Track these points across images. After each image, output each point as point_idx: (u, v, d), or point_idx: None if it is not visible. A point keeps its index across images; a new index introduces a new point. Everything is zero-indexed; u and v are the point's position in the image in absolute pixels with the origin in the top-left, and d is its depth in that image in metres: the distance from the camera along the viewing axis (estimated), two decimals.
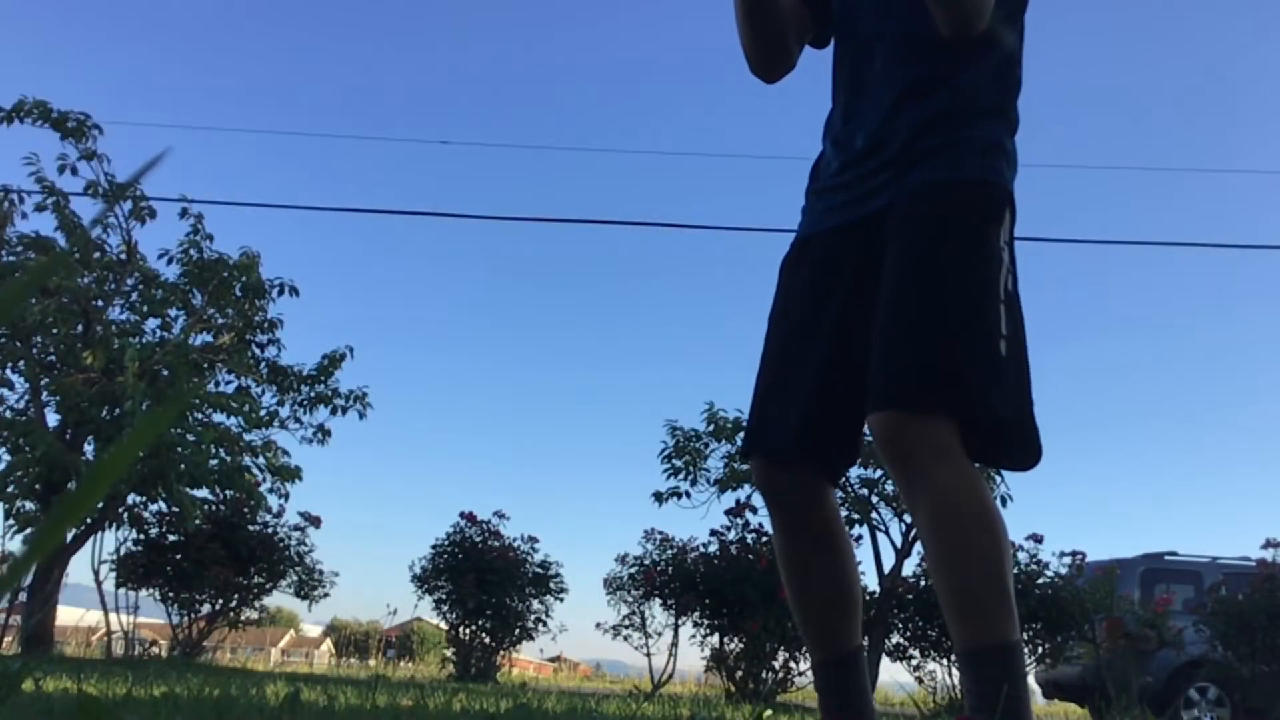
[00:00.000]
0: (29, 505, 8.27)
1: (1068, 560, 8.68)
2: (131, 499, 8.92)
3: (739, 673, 8.27)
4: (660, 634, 8.79)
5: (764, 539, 8.52)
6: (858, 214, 1.80)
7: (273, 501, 9.55)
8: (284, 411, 9.99)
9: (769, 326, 1.92)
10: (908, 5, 1.78)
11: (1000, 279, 1.68)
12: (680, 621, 8.58)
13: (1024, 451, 1.68)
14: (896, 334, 1.64)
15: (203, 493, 9.03)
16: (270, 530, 9.85)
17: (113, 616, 9.05)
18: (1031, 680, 10.45)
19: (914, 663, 8.69)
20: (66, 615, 12.08)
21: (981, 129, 1.77)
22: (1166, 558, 10.44)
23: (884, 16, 1.85)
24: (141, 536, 9.36)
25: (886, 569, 8.88)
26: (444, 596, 9.35)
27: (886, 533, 9.06)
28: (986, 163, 1.75)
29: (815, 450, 1.79)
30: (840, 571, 1.85)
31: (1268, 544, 9.23)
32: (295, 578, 10.00)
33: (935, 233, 1.69)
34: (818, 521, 1.84)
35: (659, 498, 9.77)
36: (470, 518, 9.56)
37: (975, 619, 1.53)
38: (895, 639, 8.75)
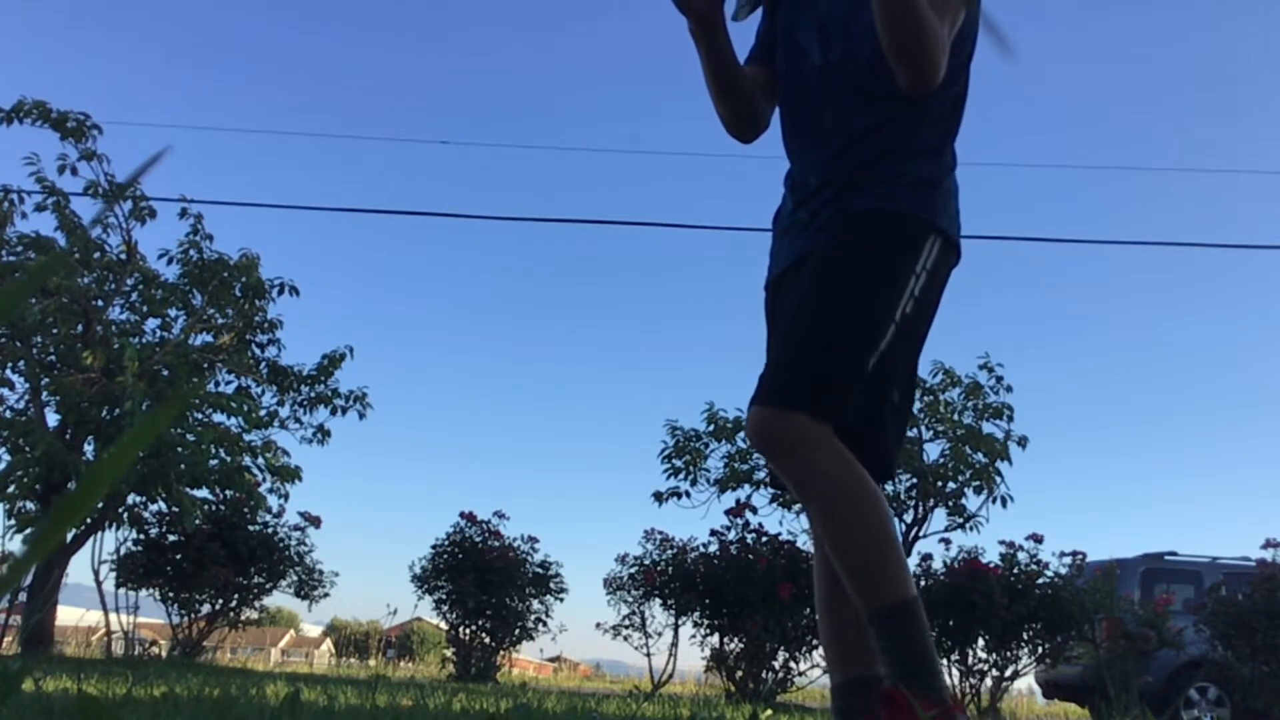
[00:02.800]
0: (29, 505, 8.27)
1: (1068, 560, 8.68)
2: (131, 499, 8.92)
3: (739, 673, 8.27)
4: (660, 634, 8.80)
5: (764, 539, 8.53)
6: (806, 248, 1.96)
7: (273, 501, 9.56)
8: (284, 411, 10.00)
9: None
10: (851, 67, 1.95)
11: (894, 306, 1.82)
12: (680, 621, 8.58)
13: (877, 464, 1.85)
14: (781, 341, 1.82)
15: (203, 493, 9.03)
16: (270, 530, 9.85)
17: (113, 616, 9.06)
18: (1031, 680, 10.46)
19: None
20: (66, 615, 12.07)
21: (918, 165, 1.91)
22: (1166, 558, 10.43)
23: (829, 75, 1.98)
24: (141, 536, 9.36)
25: None
26: (444, 596, 9.35)
27: None
28: (916, 197, 1.89)
29: None
30: None
31: (1268, 544, 9.23)
32: (295, 578, 10.00)
33: (841, 255, 1.85)
34: None
35: (659, 498, 9.78)
36: (470, 518, 9.57)
37: (877, 584, 1.70)
38: None
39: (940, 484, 9.80)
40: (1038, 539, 8.65)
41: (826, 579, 1.96)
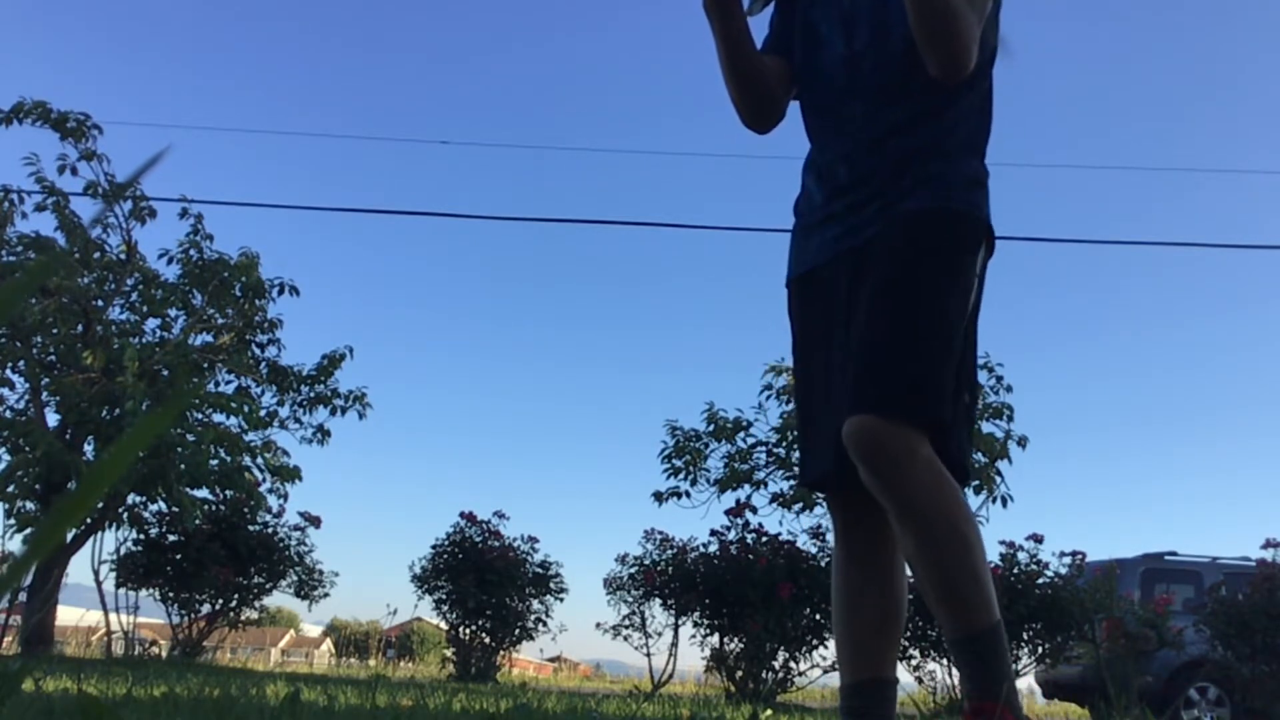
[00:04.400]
0: (29, 505, 8.26)
1: (1068, 560, 8.67)
2: (131, 499, 8.92)
3: (739, 673, 8.27)
4: (660, 634, 8.80)
5: (764, 539, 8.52)
6: (850, 244, 1.90)
7: (272, 501, 9.56)
8: (284, 411, 10.00)
9: (795, 365, 2.04)
10: (880, 57, 1.91)
11: (967, 305, 1.82)
12: (680, 621, 8.58)
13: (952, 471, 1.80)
14: (873, 345, 1.75)
15: (203, 493, 9.03)
16: (270, 530, 9.85)
17: (113, 616, 9.06)
18: (1031, 680, 10.45)
19: (914, 663, 8.68)
20: (66, 615, 12.08)
21: (964, 164, 1.89)
22: (1166, 558, 10.43)
23: (857, 66, 1.94)
24: (141, 536, 9.36)
25: None
26: (444, 596, 9.34)
27: None
28: (970, 196, 1.87)
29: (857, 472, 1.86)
30: (890, 600, 1.91)
31: (1268, 544, 9.23)
32: (295, 578, 10.00)
33: (915, 255, 1.80)
34: (881, 544, 1.92)
35: (659, 498, 9.77)
36: (470, 518, 9.56)
37: (966, 607, 1.67)
38: None
39: None
40: (1038, 539, 8.65)
41: (849, 577, 1.93)
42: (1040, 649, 8.58)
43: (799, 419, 2.01)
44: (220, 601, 9.58)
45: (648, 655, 8.84)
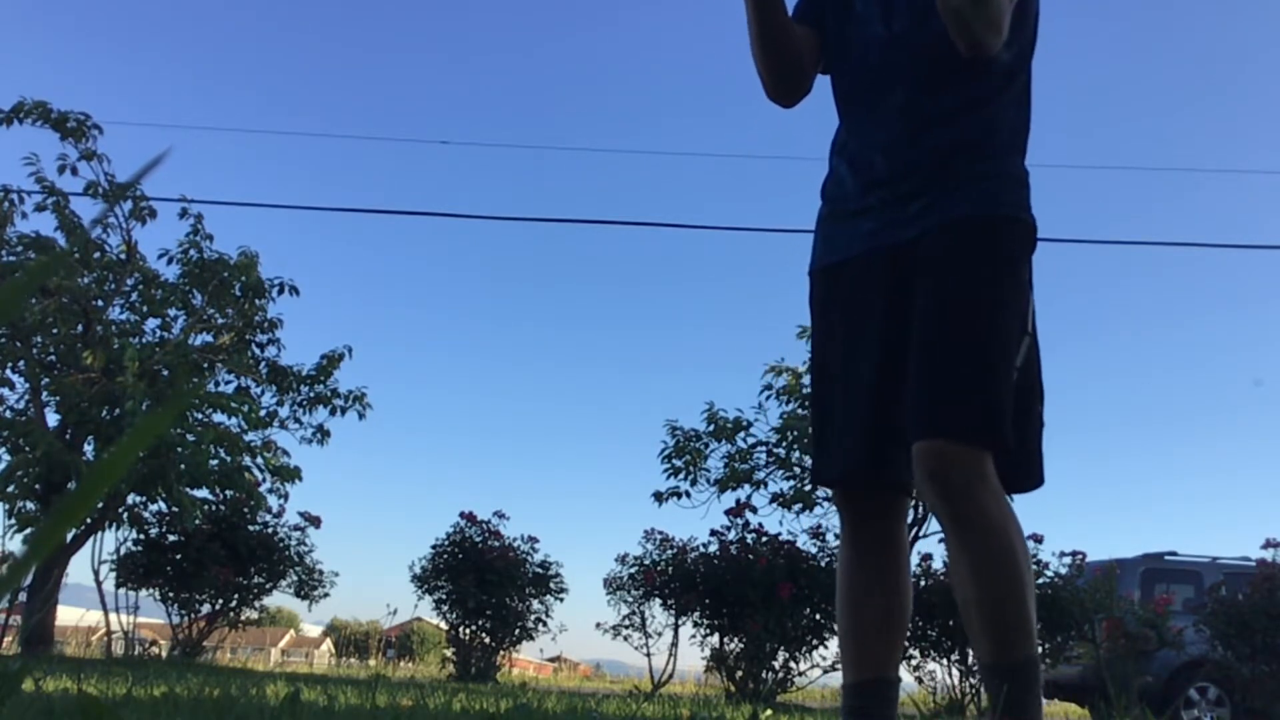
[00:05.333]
0: (29, 505, 8.26)
1: (1068, 560, 8.68)
2: (131, 499, 8.92)
3: (739, 673, 8.27)
4: (660, 634, 8.80)
5: (764, 539, 8.52)
6: (890, 240, 1.83)
7: (273, 501, 9.56)
8: (284, 412, 10.00)
9: (815, 357, 1.96)
10: (922, 41, 1.83)
11: (1028, 314, 1.79)
12: (680, 621, 8.57)
13: (1027, 477, 1.81)
14: (939, 366, 1.71)
15: (203, 493, 9.03)
16: (270, 530, 9.85)
17: (113, 616, 9.06)
18: None
19: (914, 663, 8.68)
20: (66, 615, 12.07)
21: (1010, 163, 1.84)
22: (1166, 558, 10.43)
23: (896, 49, 1.87)
24: (141, 536, 9.36)
25: None
26: (444, 596, 9.34)
27: None
28: (1017, 199, 1.82)
29: (883, 468, 1.83)
30: (896, 600, 1.90)
31: (1268, 544, 9.22)
32: (295, 578, 10.00)
33: (973, 270, 1.75)
34: (889, 544, 1.91)
35: (659, 498, 9.76)
36: (470, 518, 9.56)
37: (1011, 636, 1.67)
38: None
39: None
40: (1038, 539, 8.65)
41: (855, 578, 1.91)
42: (1040, 649, 8.58)
43: (815, 413, 1.94)
44: (220, 601, 9.57)
45: (648, 655, 8.85)
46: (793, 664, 8.37)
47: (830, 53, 1.99)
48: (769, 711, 3.98)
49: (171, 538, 9.35)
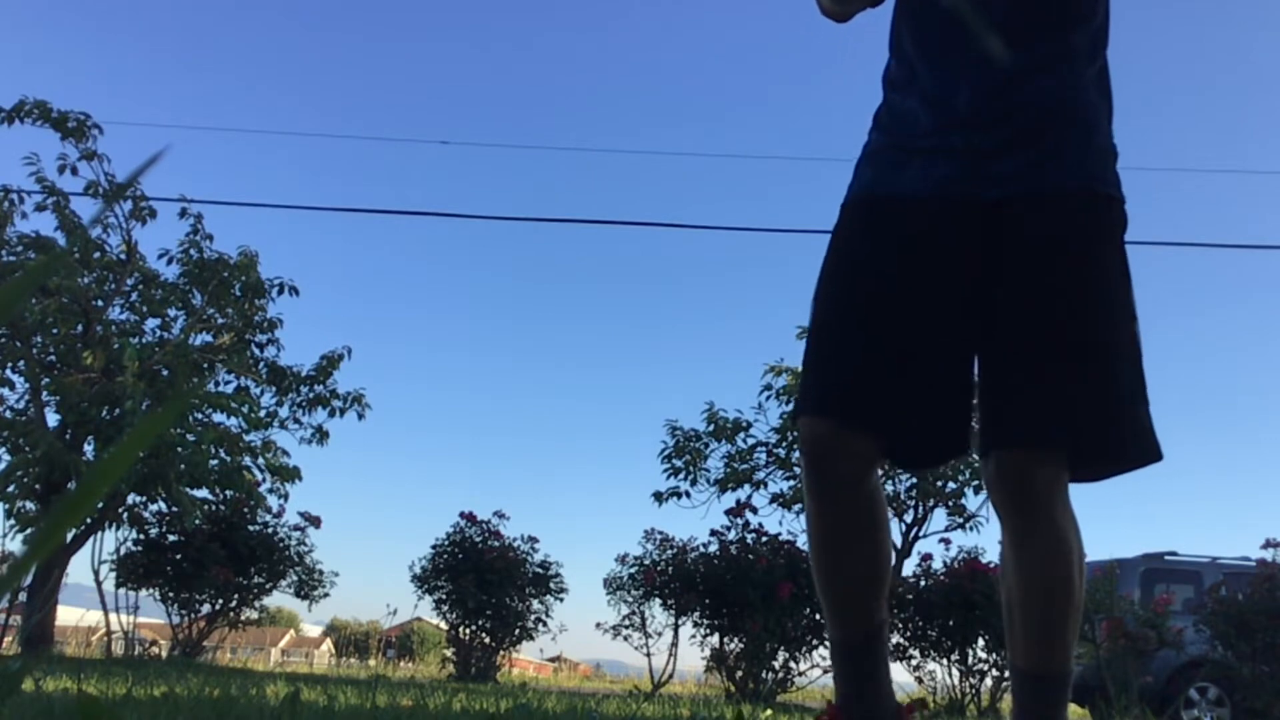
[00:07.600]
0: (29, 505, 8.26)
1: None
2: (131, 499, 8.92)
3: (739, 673, 8.27)
4: (660, 634, 8.80)
5: (764, 539, 8.52)
6: (978, 193, 1.68)
7: (272, 502, 9.56)
8: (283, 412, 10.00)
9: (845, 279, 1.74)
10: None
11: (1133, 299, 1.71)
12: (680, 621, 8.58)
13: (1142, 450, 1.69)
14: (1058, 372, 1.60)
15: (203, 493, 9.03)
16: (270, 530, 9.85)
17: (113, 616, 9.05)
18: None
19: (914, 663, 8.68)
20: (66, 615, 12.06)
21: (1106, 136, 1.76)
22: (1166, 558, 10.43)
23: None
24: (141, 536, 9.36)
25: None
26: (444, 596, 9.35)
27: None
28: (1117, 177, 1.74)
29: (909, 424, 1.70)
30: (877, 549, 1.77)
31: (1268, 544, 9.22)
32: (295, 578, 10.00)
33: (1089, 260, 1.66)
34: (865, 494, 1.74)
35: (659, 498, 9.78)
36: (470, 518, 9.56)
37: (1057, 648, 1.68)
38: (895, 639, 8.75)
39: (940, 483, 9.79)
40: None
41: (839, 534, 1.74)
42: None
43: (820, 345, 1.73)
44: (220, 601, 9.58)
45: (648, 655, 8.85)
46: (793, 664, 8.38)
47: None
48: (769, 711, 3.98)
49: (171, 538, 9.35)
